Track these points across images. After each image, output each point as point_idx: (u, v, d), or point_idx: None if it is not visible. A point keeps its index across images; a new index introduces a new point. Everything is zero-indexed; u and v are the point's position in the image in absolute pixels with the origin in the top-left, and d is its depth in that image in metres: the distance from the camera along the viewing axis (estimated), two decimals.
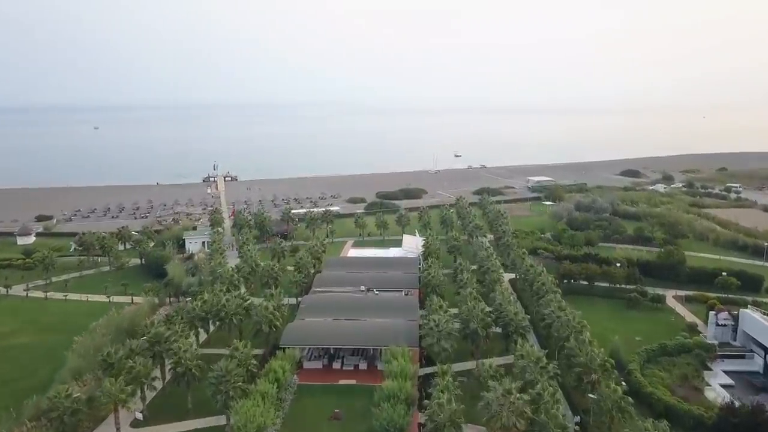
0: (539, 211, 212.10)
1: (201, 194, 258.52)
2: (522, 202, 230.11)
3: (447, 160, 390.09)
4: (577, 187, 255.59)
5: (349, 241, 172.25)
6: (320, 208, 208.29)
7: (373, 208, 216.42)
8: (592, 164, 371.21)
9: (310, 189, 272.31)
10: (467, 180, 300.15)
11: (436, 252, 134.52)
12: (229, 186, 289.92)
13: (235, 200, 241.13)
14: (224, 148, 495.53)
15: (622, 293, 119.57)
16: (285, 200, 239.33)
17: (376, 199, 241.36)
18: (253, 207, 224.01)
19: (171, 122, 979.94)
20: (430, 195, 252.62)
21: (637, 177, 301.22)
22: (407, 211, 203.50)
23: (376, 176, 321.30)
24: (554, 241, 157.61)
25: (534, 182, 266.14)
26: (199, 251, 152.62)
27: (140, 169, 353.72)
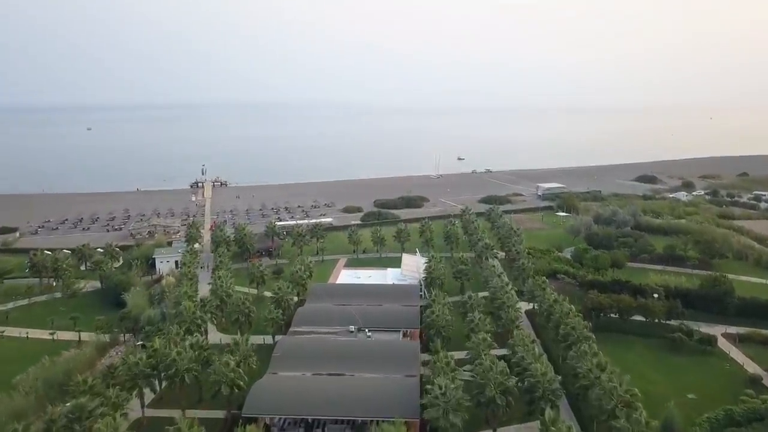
0: (552, 223, 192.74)
1: (185, 202, 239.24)
2: (533, 212, 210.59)
3: (450, 164, 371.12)
4: (591, 195, 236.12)
5: (341, 260, 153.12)
6: (311, 220, 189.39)
7: (369, 219, 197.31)
8: (602, 168, 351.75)
9: (303, 196, 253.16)
10: (472, 186, 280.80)
11: (440, 278, 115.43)
12: (217, 192, 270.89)
13: (220, 209, 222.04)
14: (217, 150, 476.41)
15: (662, 331, 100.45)
16: (275, 209, 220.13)
17: (374, 208, 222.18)
18: (240, 217, 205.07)
19: (168, 122, 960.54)
20: (432, 203, 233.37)
21: (653, 183, 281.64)
22: (407, 225, 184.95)
23: (375, 182, 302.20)
24: (575, 262, 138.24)
25: (544, 189, 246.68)
26: (169, 273, 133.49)
27: (124, 174, 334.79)
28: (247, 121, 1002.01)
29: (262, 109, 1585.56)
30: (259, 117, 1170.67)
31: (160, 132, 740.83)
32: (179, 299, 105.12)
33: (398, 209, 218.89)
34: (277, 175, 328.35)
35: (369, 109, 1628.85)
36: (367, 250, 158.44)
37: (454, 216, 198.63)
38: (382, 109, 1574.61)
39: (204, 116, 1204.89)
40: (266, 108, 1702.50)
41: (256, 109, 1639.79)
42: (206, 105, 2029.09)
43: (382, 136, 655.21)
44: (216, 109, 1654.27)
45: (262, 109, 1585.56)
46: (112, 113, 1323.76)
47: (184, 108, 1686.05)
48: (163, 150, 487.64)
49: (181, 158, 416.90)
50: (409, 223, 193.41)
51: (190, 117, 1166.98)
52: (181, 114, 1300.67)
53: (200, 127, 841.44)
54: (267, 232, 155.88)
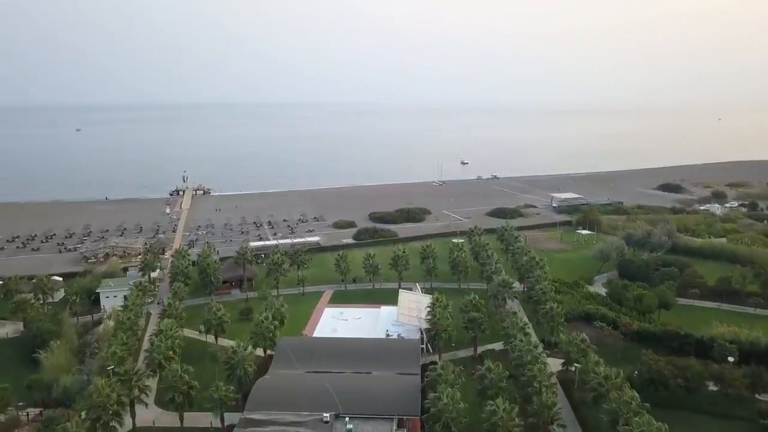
0: (573, 243, 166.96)
1: (158, 214, 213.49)
2: (549, 228, 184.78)
3: (453, 168, 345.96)
4: (613, 207, 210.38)
5: (326, 292, 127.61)
6: (295, 239, 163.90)
7: (363, 237, 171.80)
8: (618, 175, 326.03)
9: (291, 207, 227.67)
10: (478, 195, 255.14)
11: (447, 329, 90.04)
12: (199, 202, 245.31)
13: (198, 223, 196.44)
14: (207, 153, 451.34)
15: (744, 410, 75.17)
16: (256, 224, 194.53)
17: (369, 222, 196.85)
18: (216, 235, 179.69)
19: (164, 123, 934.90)
20: (434, 216, 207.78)
21: (678, 192, 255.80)
22: (405, 246, 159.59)
23: (371, 190, 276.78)
24: (611, 300, 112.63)
25: (560, 201, 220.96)
26: (109, 315, 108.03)
27: (98, 180, 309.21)
28: (242, 123, 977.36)
29: (260, 110, 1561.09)
30: (256, 118, 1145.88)
31: (152, 133, 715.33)
32: (106, 361, 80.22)
33: (396, 224, 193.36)
34: (266, 182, 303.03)
35: (370, 109, 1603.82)
36: (358, 279, 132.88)
37: (460, 233, 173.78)
38: (383, 110, 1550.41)
39: (201, 117, 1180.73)
40: (265, 109, 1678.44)
41: (254, 109, 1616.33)
42: (204, 105, 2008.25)
43: (382, 137, 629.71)
44: (214, 109, 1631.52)
45: (260, 110, 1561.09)
46: (109, 114, 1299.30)
47: (182, 108, 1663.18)
48: (150, 153, 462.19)
49: (167, 162, 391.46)
50: (408, 242, 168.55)
51: (188, 118, 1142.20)
52: (179, 114, 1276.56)
53: (195, 128, 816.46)
54: (238, 257, 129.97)
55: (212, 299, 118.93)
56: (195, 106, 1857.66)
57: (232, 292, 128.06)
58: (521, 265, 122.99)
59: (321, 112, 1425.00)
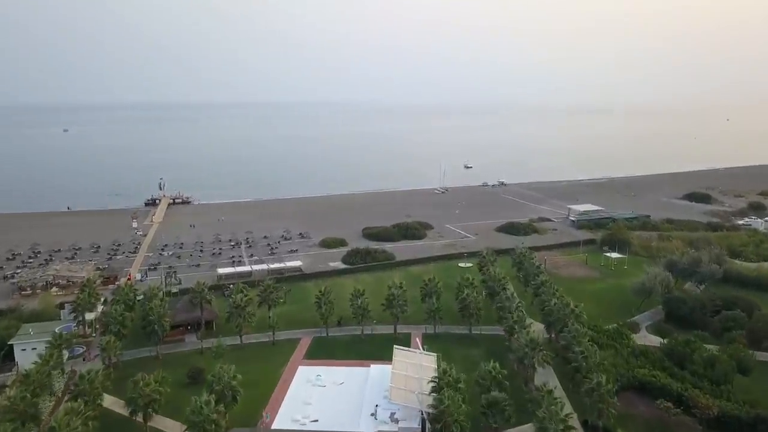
0: (601, 268, 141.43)
1: (124, 229, 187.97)
2: (570, 249, 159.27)
3: (456, 173, 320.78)
4: (639, 222, 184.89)
5: (303, 340, 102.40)
6: (273, 264, 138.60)
7: (354, 260, 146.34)
8: (634, 181, 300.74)
9: (277, 219, 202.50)
10: (485, 205, 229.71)
11: (458, 421, 64.83)
12: (173, 215, 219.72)
13: (163, 243, 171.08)
14: (192, 156, 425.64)
15: None
16: (233, 242, 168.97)
17: (362, 239, 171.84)
18: (184, 256, 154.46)
19: (153, 123, 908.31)
20: (437, 231, 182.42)
21: (708, 203, 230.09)
22: (403, 269, 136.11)
23: (367, 199, 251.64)
24: (669, 359, 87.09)
25: (578, 214, 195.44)
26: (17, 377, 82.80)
27: (71, 186, 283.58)
28: (237, 123, 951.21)
29: (258, 110, 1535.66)
30: (252, 118, 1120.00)
31: (142, 134, 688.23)
32: None
33: (393, 242, 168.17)
34: (253, 189, 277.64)
35: (369, 108, 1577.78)
36: (344, 321, 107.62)
37: (467, 255, 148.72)
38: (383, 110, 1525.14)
39: (198, 117, 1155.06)
40: (264, 108, 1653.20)
41: (253, 109, 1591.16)
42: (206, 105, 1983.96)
43: (380, 138, 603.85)
44: (211, 109, 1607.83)
45: (258, 110, 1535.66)
46: (106, 113, 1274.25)
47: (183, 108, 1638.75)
48: (134, 155, 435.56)
49: (151, 165, 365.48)
50: (406, 266, 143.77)
51: (184, 118, 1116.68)
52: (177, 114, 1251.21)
53: (187, 129, 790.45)
54: (193, 296, 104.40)
55: (157, 352, 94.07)
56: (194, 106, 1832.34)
57: (187, 338, 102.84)
58: (548, 308, 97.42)
59: (319, 112, 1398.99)
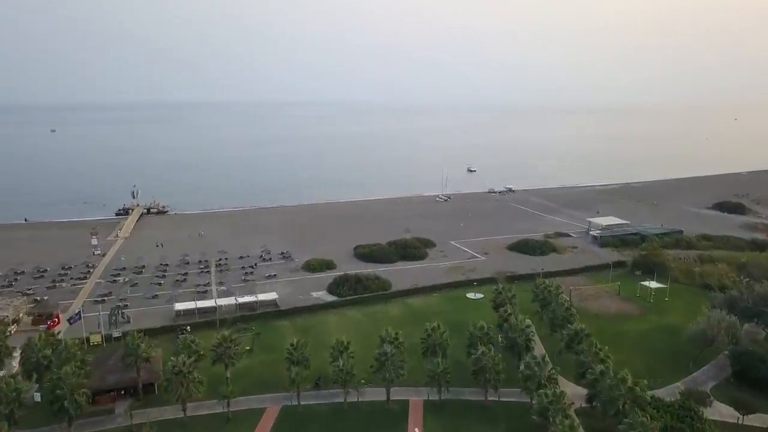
0: (638, 300, 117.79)
1: (84, 247, 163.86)
2: (596, 273, 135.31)
3: (459, 177, 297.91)
4: (672, 238, 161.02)
5: (269, 411, 79.02)
6: (242, 298, 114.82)
7: (341, 289, 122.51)
8: (653, 187, 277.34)
9: (260, 233, 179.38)
10: (492, 216, 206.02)
11: None
12: (144, 228, 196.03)
13: (121, 265, 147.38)
14: (177, 159, 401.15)
15: None
16: (202, 264, 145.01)
17: (353, 260, 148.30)
18: (143, 283, 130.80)
19: (149, 123, 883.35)
20: (440, 249, 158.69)
21: (742, 214, 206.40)
22: (402, 301, 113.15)
23: (362, 207, 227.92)
24: None
25: (600, 229, 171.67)
26: None
27: (38, 193, 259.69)
28: (233, 123, 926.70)
29: (255, 109, 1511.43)
30: (248, 117, 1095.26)
31: (131, 134, 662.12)
32: None
33: (389, 263, 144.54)
34: (236, 196, 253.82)
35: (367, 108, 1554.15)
36: (324, 381, 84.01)
37: (477, 283, 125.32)
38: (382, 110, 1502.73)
39: (191, 117, 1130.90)
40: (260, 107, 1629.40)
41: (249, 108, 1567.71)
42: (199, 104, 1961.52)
43: (379, 139, 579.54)
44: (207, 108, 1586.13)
45: (255, 109, 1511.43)
46: (102, 113, 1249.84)
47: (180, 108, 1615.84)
48: (117, 157, 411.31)
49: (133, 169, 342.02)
50: (405, 297, 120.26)
51: (181, 117, 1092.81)
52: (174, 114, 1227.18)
53: (182, 129, 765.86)
54: (126, 355, 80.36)
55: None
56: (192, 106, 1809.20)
57: (119, 406, 79.26)
58: (592, 377, 73.51)
59: (317, 111, 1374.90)
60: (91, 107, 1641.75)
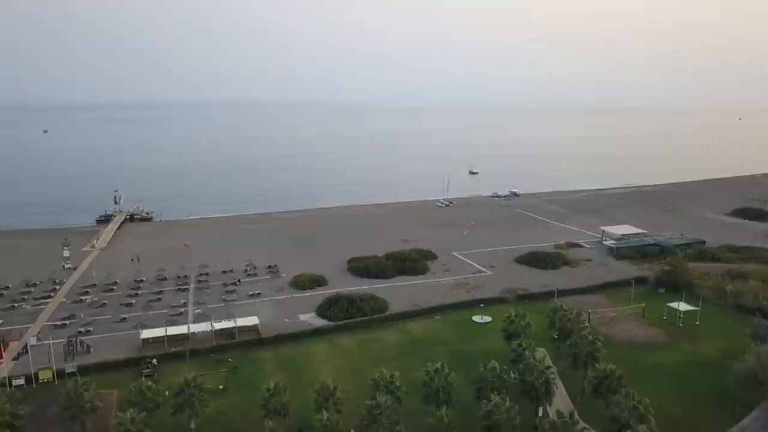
0: (665, 324, 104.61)
1: (56, 259, 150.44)
2: (617, 291, 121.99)
3: (461, 180, 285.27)
4: (695, 250, 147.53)
5: None
6: (218, 324, 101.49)
7: (332, 312, 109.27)
8: (665, 191, 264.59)
9: (248, 244, 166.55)
10: (497, 223, 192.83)
11: None
12: (124, 237, 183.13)
13: (92, 280, 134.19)
14: (169, 161, 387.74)
15: None
16: (180, 280, 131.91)
17: (346, 274, 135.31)
18: (111, 303, 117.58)
19: (144, 124, 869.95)
20: (442, 262, 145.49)
21: (765, 221, 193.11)
22: (400, 325, 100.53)
23: (358, 213, 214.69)
24: None
25: (615, 239, 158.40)
26: None
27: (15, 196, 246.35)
28: (230, 123, 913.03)
29: (250, 109, 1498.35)
30: (243, 117, 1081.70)
31: (125, 134, 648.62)
32: None
33: (387, 279, 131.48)
34: (226, 201, 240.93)
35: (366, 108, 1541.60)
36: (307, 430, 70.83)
37: (483, 304, 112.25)
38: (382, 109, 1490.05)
39: (190, 116, 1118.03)
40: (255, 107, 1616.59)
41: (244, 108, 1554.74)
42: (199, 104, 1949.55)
43: (378, 141, 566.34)
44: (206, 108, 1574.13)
45: (250, 109, 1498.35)
46: (98, 113, 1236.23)
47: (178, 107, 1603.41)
48: (105, 158, 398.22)
49: (123, 171, 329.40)
50: (404, 321, 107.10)
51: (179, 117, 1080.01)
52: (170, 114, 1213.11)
53: (175, 129, 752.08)
54: (69, 402, 67.26)
55: None
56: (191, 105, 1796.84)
57: None
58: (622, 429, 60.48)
59: (315, 111, 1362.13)
60: (85, 107, 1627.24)
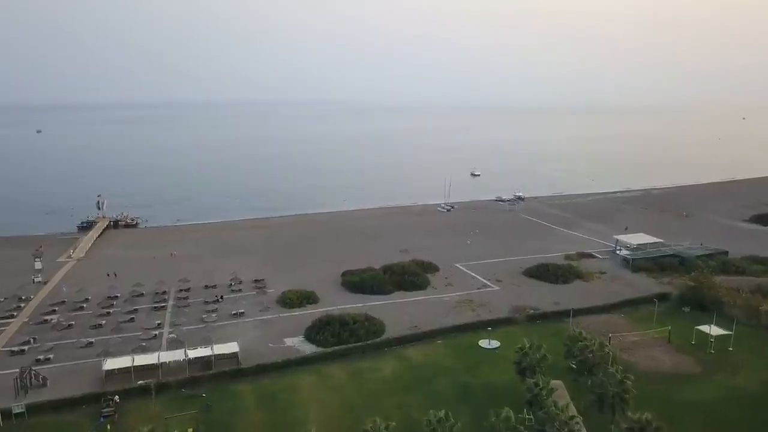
0: (694, 350, 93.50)
1: (25, 271, 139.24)
2: (636, 309, 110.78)
3: (462, 183, 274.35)
4: (717, 262, 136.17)
5: None
6: (193, 351, 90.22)
7: (322, 335, 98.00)
8: (676, 193, 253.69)
9: (235, 254, 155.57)
10: (502, 230, 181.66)
11: None
12: (106, 244, 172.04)
13: (62, 298, 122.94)
14: (161, 162, 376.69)
15: None
16: (158, 297, 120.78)
17: (339, 289, 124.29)
18: (79, 324, 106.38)
19: (140, 124, 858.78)
20: (443, 275, 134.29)
21: None
22: (398, 351, 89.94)
23: (354, 219, 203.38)
24: None
25: (631, 249, 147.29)
26: None
27: None
28: (229, 123, 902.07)
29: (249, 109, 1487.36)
30: (242, 118, 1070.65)
31: (121, 135, 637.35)
32: None
33: (384, 295, 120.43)
34: (217, 205, 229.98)
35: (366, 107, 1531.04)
36: None
37: (491, 327, 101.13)
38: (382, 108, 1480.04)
39: (190, 116, 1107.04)
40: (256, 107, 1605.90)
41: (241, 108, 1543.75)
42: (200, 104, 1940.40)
43: (377, 141, 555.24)
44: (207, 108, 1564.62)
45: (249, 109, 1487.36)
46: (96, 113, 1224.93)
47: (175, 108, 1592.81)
48: (95, 160, 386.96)
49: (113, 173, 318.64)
50: (402, 346, 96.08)
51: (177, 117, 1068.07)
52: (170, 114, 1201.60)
53: (176, 129, 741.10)
54: None
55: None
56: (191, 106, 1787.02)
57: None
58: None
59: (314, 111, 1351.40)
60: (86, 107, 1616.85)
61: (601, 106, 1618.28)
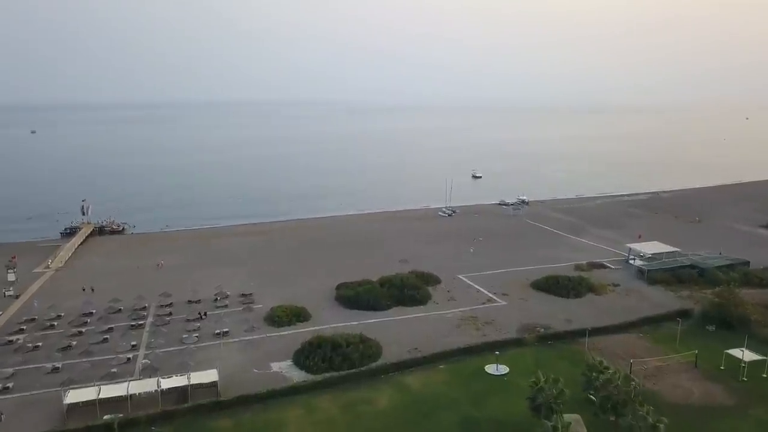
0: (724, 377, 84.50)
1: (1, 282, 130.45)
2: (655, 328, 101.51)
3: (463, 185, 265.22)
4: (739, 273, 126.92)
5: None
6: (166, 381, 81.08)
7: (312, 360, 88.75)
8: (685, 196, 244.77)
9: (224, 263, 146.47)
10: (507, 237, 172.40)
11: None
12: (89, 252, 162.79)
13: (33, 314, 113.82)
14: (156, 162, 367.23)
15: None
16: (137, 314, 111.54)
17: (333, 304, 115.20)
18: (48, 344, 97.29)
19: (136, 124, 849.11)
20: (445, 287, 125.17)
21: None
22: (397, 379, 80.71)
23: (351, 224, 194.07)
24: None
25: (645, 259, 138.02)
26: None
27: None
28: (229, 123, 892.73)
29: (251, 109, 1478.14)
30: (239, 117, 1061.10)
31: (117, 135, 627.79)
32: None
33: (382, 311, 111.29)
34: (210, 209, 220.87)
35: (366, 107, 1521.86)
36: None
37: (499, 349, 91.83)
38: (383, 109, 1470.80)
39: (189, 116, 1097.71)
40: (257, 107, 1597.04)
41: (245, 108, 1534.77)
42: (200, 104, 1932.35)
43: (377, 141, 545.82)
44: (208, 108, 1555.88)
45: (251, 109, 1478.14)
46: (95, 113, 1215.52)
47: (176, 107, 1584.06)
48: (87, 161, 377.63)
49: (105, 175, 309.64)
50: (401, 372, 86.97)
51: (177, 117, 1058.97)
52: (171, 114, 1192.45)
53: (176, 129, 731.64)
54: None
55: None
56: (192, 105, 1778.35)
57: None
58: None
59: (316, 110, 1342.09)
60: (87, 107, 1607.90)
61: (603, 106, 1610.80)
